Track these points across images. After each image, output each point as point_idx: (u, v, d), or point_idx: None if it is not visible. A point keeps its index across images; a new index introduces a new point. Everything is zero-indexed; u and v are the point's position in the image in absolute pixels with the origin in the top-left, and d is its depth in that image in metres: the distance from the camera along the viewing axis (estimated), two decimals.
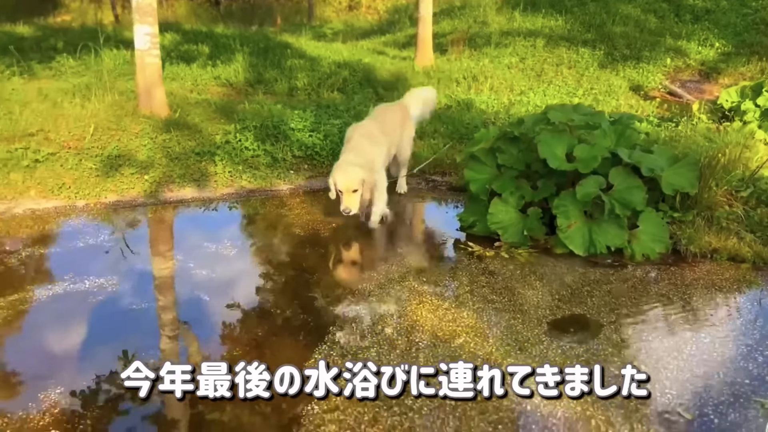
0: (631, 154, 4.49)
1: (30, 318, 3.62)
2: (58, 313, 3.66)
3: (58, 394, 2.88)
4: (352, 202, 4.71)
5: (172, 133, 6.42)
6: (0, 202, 5.31)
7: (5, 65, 9.37)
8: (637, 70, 11.43)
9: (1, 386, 2.96)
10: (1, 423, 2.67)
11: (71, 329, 3.50)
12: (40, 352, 3.26)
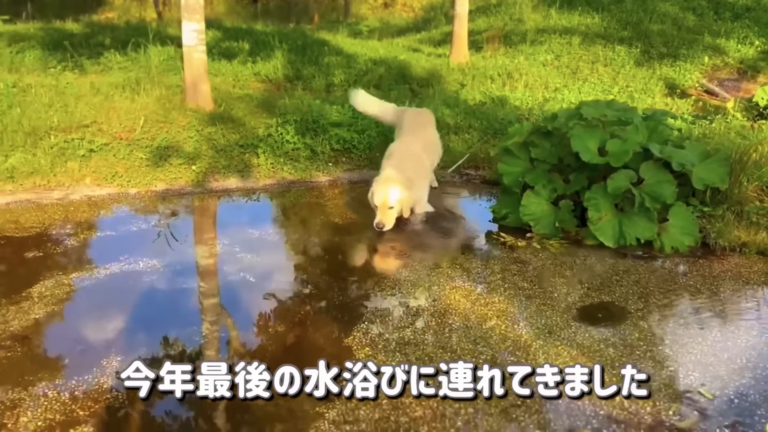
0: (662, 149, 4.60)
1: (90, 294, 3.90)
2: (115, 290, 3.94)
3: (119, 361, 3.14)
4: (386, 218, 4.81)
5: (217, 126, 6.70)
6: (58, 188, 5.66)
7: (57, 60, 9.82)
8: (674, 68, 11.39)
9: (69, 354, 3.22)
10: (71, 384, 2.93)
11: (127, 304, 3.76)
12: (101, 325, 3.53)
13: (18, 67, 9.42)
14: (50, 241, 4.67)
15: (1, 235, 4.75)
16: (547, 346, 3.28)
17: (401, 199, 4.86)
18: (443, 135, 7.03)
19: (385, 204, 4.81)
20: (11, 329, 3.40)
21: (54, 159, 5.89)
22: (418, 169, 5.20)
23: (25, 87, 7.25)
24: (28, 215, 5.20)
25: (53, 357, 3.21)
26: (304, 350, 3.32)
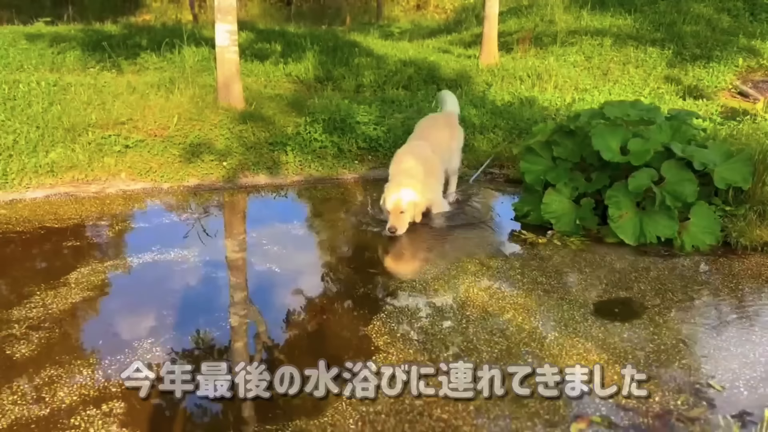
0: (684, 149, 4.63)
1: (123, 281, 4.09)
2: (146, 279, 4.12)
3: (149, 343, 3.30)
4: (398, 223, 4.78)
5: (247, 124, 6.89)
6: (95, 182, 5.90)
7: (96, 60, 10.14)
8: (707, 69, 11.27)
9: (102, 336, 3.40)
10: (104, 364, 3.10)
11: (158, 292, 3.93)
12: (133, 310, 3.71)
13: (59, 67, 9.77)
14: (87, 232, 4.89)
15: (41, 225, 4.98)
16: (562, 339, 3.35)
17: (413, 203, 4.85)
18: (469, 134, 7.11)
19: (397, 208, 4.80)
20: (50, 312, 3.60)
21: (92, 154, 6.14)
22: (428, 171, 5.14)
23: (65, 86, 7.53)
24: (67, 207, 5.43)
25: (88, 339, 3.39)
26: (327, 340, 3.44)
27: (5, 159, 5.87)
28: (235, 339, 3.43)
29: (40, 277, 4.06)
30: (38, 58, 10.06)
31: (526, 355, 3.19)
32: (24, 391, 2.87)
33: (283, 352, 3.29)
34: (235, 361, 3.22)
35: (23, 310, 3.61)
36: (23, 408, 2.75)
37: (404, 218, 4.82)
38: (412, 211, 4.87)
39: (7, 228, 4.90)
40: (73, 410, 2.74)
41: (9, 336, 3.34)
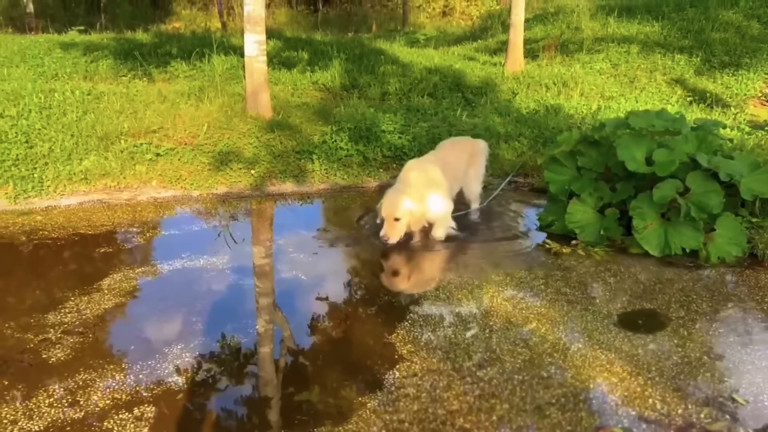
0: (710, 160, 4.61)
1: (154, 287, 4.20)
2: (177, 285, 4.23)
3: (180, 349, 3.39)
4: (392, 231, 4.60)
5: (275, 133, 7.01)
6: (127, 190, 6.05)
7: (128, 69, 10.36)
8: (736, 77, 11.15)
9: (134, 341, 3.50)
10: (136, 368, 3.20)
11: (188, 298, 4.03)
12: (163, 316, 3.80)
13: (92, 75, 10.01)
14: (119, 239, 5.03)
15: (75, 232, 5.13)
16: (585, 350, 3.37)
17: (409, 211, 4.65)
18: (493, 143, 7.14)
19: (391, 215, 4.61)
20: (84, 317, 3.72)
21: (124, 162, 6.29)
22: (431, 184, 4.90)
23: (98, 94, 7.73)
24: (100, 214, 5.59)
25: (120, 343, 3.49)
26: (351, 347, 3.50)
27: (41, 167, 6.05)
28: (259, 347, 3.50)
29: (74, 283, 4.19)
30: (72, 66, 10.31)
31: (550, 366, 3.21)
32: (59, 395, 2.98)
33: (308, 358, 3.36)
34: (262, 366, 3.32)
35: (58, 315, 3.74)
36: (58, 411, 2.86)
37: (398, 227, 4.64)
38: (407, 219, 4.68)
39: (43, 234, 5.06)
40: (106, 414, 2.84)
41: (45, 340, 3.46)
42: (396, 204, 4.62)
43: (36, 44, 11.70)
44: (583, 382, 3.06)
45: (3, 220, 5.38)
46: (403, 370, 3.18)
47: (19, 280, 4.30)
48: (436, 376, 3.12)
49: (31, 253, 4.73)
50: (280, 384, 3.15)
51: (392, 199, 4.66)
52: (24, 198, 5.77)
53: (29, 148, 6.23)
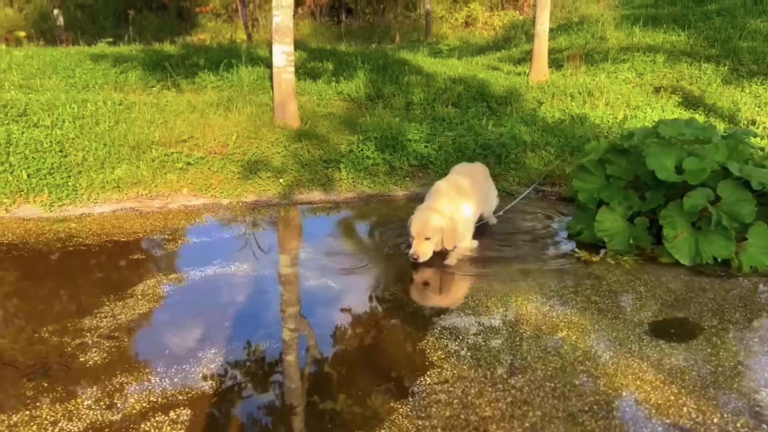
0: (741, 168, 4.58)
1: (186, 293, 4.26)
2: (209, 290, 4.29)
3: (213, 353, 3.44)
4: (422, 250, 4.53)
5: (302, 142, 7.09)
6: (158, 198, 6.16)
7: (157, 80, 10.54)
8: (765, 86, 11.02)
9: (168, 345, 3.56)
10: (171, 372, 3.25)
11: (220, 303, 4.09)
12: (196, 321, 3.86)
13: (122, 86, 10.19)
14: (151, 246, 5.11)
15: (108, 239, 5.23)
16: (617, 358, 3.36)
17: (442, 229, 4.59)
18: (520, 152, 7.15)
19: (422, 233, 4.54)
20: (119, 322, 3.79)
21: (155, 171, 6.41)
22: (461, 194, 4.94)
23: (129, 105, 7.88)
24: (132, 222, 5.69)
25: (155, 348, 3.55)
26: (382, 354, 3.52)
27: (75, 175, 6.19)
28: (290, 352, 3.53)
29: (109, 289, 4.27)
30: (103, 77, 10.51)
31: (581, 374, 3.21)
32: (97, 397, 3.04)
33: (338, 365, 3.39)
34: (293, 372, 3.35)
35: (94, 320, 3.81)
36: (97, 413, 2.92)
37: (429, 245, 4.57)
38: (439, 237, 4.60)
39: (78, 241, 5.17)
40: (143, 416, 2.89)
41: (82, 344, 3.53)
42: (427, 222, 4.56)
43: (67, 56, 11.94)
44: (615, 390, 3.06)
45: (39, 228, 5.50)
46: (434, 376, 3.19)
47: (55, 285, 4.39)
48: (467, 383, 3.14)
49: (66, 259, 4.83)
50: (311, 390, 3.18)
51: (422, 217, 4.61)
52: (59, 206, 5.89)
53: (63, 157, 6.37)
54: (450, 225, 4.63)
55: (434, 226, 4.56)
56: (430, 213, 4.63)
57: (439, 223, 4.58)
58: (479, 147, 7.27)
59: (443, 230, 4.59)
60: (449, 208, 4.75)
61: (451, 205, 4.80)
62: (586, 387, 3.08)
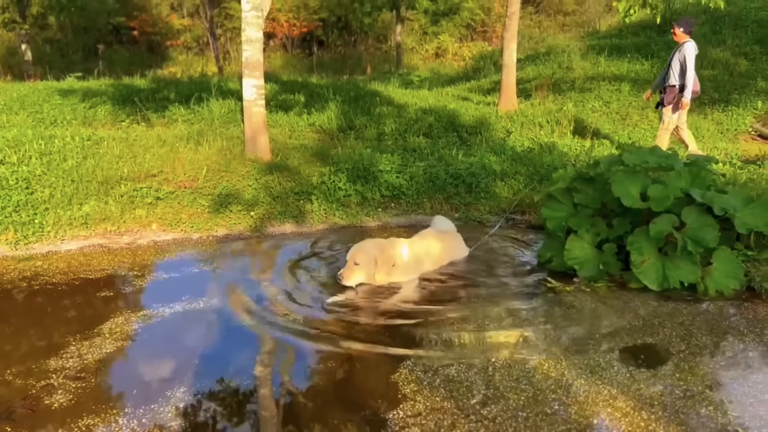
0: (704, 194, 4.68)
1: (155, 330, 4.19)
2: (177, 327, 4.22)
3: (182, 392, 3.38)
4: (347, 273, 4.72)
5: (273, 174, 7.09)
6: (127, 234, 6.09)
7: (126, 114, 10.50)
8: (726, 113, 11.35)
9: (136, 385, 3.49)
10: (138, 413, 3.19)
11: (189, 341, 4.03)
12: (165, 359, 3.79)
13: (91, 121, 10.14)
14: (120, 282, 5.03)
15: (76, 276, 5.14)
16: (588, 385, 3.38)
17: (373, 259, 4.75)
18: (490, 181, 7.23)
19: (352, 258, 4.76)
20: (86, 362, 3.71)
21: (124, 206, 6.34)
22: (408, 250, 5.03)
23: (98, 140, 7.82)
24: (100, 258, 5.61)
25: (123, 387, 3.48)
26: (354, 387, 3.49)
27: (42, 212, 6.10)
28: (261, 387, 3.49)
29: (75, 328, 4.19)
30: (71, 112, 10.45)
31: (553, 402, 3.21)
32: None
33: (309, 399, 3.35)
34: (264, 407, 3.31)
35: (60, 360, 3.73)
36: None
37: (355, 272, 4.75)
38: (368, 270, 4.77)
39: (44, 279, 5.07)
40: None
41: (47, 386, 3.45)
42: (359, 250, 4.79)
43: (35, 91, 11.87)
44: (587, 418, 3.07)
45: (4, 266, 5.40)
46: (407, 409, 3.17)
47: (21, 326, 4.30)
48: (440, 415, 3.12)
49: (32, 298, 4.74)
50: (281, 424, 3.14)
51: (358, 246, 4.84)
52: (25, 244, 5.79)
53: (30, 194, 6.29)
54: (382, 259, 4.79)
55: (367, 255, 4.75)
56: (370, 243, 4.86)
57: (373, 253, 4.77)
58: (450, 177, 7.34)
59: (376, 263, 4.77)
60: (392, 246, 4.92)
61: (400, 246, 4.97)
62: (558, 415, 3.09)
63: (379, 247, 4.86)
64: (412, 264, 5.04)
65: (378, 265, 4.79)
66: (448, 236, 5.50)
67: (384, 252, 4.85)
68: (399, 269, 4.95)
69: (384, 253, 4.84)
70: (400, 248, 5.01)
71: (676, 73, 8.49)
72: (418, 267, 5.10)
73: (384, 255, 4.83)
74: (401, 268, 4.96)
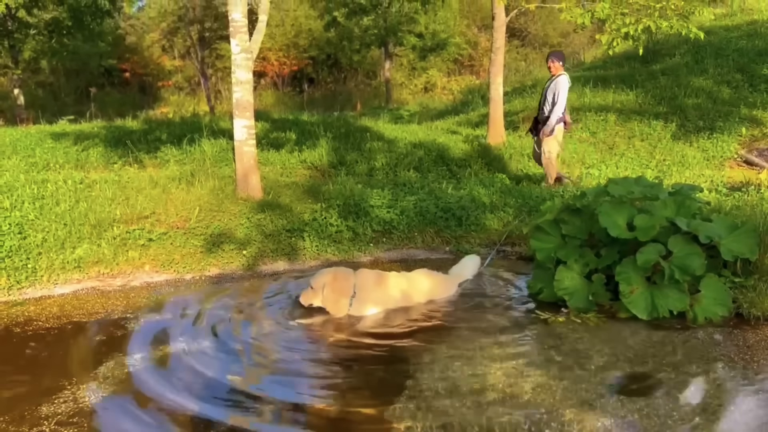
0: (689, 223, 4.76)
1: (150, 374, 4.19)
2: (173, 370, 4.22)
3: None
4: (305, 295, 5.05)
5: (265, 213, 7.15)
6: (120, 276, 6.10)
7: (118, 156, 10.59)
8: (711, 140, 11.54)
9: (132, 429, 3.48)
10: None
11: (186, 384, 4.02)
12: (161, 403, 3.79)
13: (83, 164, 10.22)
14: (113, 326, 5.04)
15: (69, 321, 5.15)
16: (580, 416, 3.40)
17: (330, 288, 4.93)
18: (479, 213, 7.31)
19: (309, 283, 5.06)
20: (79, 407, 3.70)
21: (116, 249, 6.37)
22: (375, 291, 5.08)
23: (90, 183, 7.88)
24: (93, 302, 5.61)
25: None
26: (345, 419, 3.49)
27: (35, 257, 6.12)
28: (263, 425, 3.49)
29: (69, 372, 4.18)
30: (64, 156, 10.54)
31: None
32: None
33: None
34: None
35: (52, 406, 3.72)
36: None
37: (311, 295, 5.01)
38: (323, 297, 4.96)
39: (37, 324, 5.07)
40: None
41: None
42: (319, 275, 5.04)
43: (27, 136, 11.97)
44: None
45: None
46: None
47: (13, 371, 4.28)
48: None
49: (24, 344, 4.73)
50: None
51: (320, 274, 5.06)
52: (18, 289, 5.80)
53: (23, 239, 6.31)
54: (336, 290, 4.93)
55: (324, 284, 4.96)
56: (328, 270, 5.10)
57: (328, 281, 4.95)
58: (440, 210, 7.41)
59: (331, 289, 4.93)
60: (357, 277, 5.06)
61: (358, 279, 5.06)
62: None
63: (334, 275, 5.00)
64: (379, 297, 5.06)
65: (326, 293, 4.93)
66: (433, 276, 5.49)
67: (336, 281, 4.97)
68: (361, 301, 4.98)
69: (336, 281, 4.97)
70: (363, 279, 5.06)
71: (550, 104, 8.98)
72: (386, 301, 5.10)
73: (336, 284, 4.95)
74: (364, 301, 4.99)
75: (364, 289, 5.03)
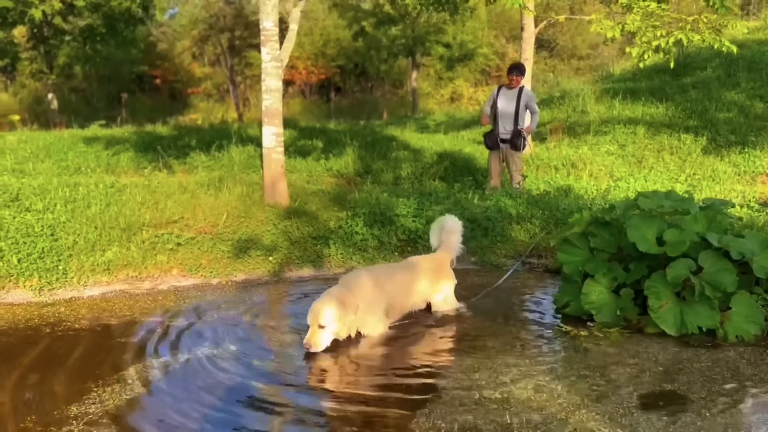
0: (720, 239, 4.69)
1: (176, 377, 4.23)
2: (198, 373, 4.25)
3: None
4: (314, 338, 4.32)
5: (292, 219, 7.20)
6: (148, 279, 6.19)
7: (148, 161, 10.75)
8: (743, 155, 11.36)
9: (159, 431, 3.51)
10: None
11: (211, 388, 4.05)
12: (186, 406, 3.82)
13: (114, 169, 10.40)
14: (141, 328, 5.10)
15: (98, 322, 5.23)
16: None
17: (340, 318, 4.39)
18: (506, 225, 7.27)
19: (314, 321, 4.36)
20: (106, 408, 3.75)
21: (145, 252, 6.46)
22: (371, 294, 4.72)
23: (121, 187, 8.01)
24: (122, 304, 5.70)
25: None
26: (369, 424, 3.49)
27: (65, 258, 6.23)
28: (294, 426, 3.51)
29: (97, 374, 4.23)
30: (95, 160, 10.73)
31: None
32: None
33: None
34: None
35: (82, 407, 3.77)
36: None
37: (322, 335, 4.36)
38: (337, 327, 4.40)
39: (67, 325, 5.16)
40: None
41: None
42: (321, 309, 4.36)
43: (60, 140, 12.21)
44: None
45: (27, 312, 5.50)
46: None
47: (43, 371, 4.35)
48: None
49: (54, 344, 4.81)
50: None
51: (318, 306, 4.40)
52: (48, 290, 5.91)
53: (54, 241, 6.43)
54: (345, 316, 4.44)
55: (332, 315, 4.35)
56: (329, 299, 4.42)
57: (336, 312, 4.36)
58: (466, 220, 7.37)
59: (343, 321, 4.40)
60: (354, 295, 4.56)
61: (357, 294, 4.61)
62: None
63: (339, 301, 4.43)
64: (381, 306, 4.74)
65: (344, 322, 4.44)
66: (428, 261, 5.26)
67: (344, 305, 4.43)
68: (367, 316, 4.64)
69: (343, 306, 4.43)
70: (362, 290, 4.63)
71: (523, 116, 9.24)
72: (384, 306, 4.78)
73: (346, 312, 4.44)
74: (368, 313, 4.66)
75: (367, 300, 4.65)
